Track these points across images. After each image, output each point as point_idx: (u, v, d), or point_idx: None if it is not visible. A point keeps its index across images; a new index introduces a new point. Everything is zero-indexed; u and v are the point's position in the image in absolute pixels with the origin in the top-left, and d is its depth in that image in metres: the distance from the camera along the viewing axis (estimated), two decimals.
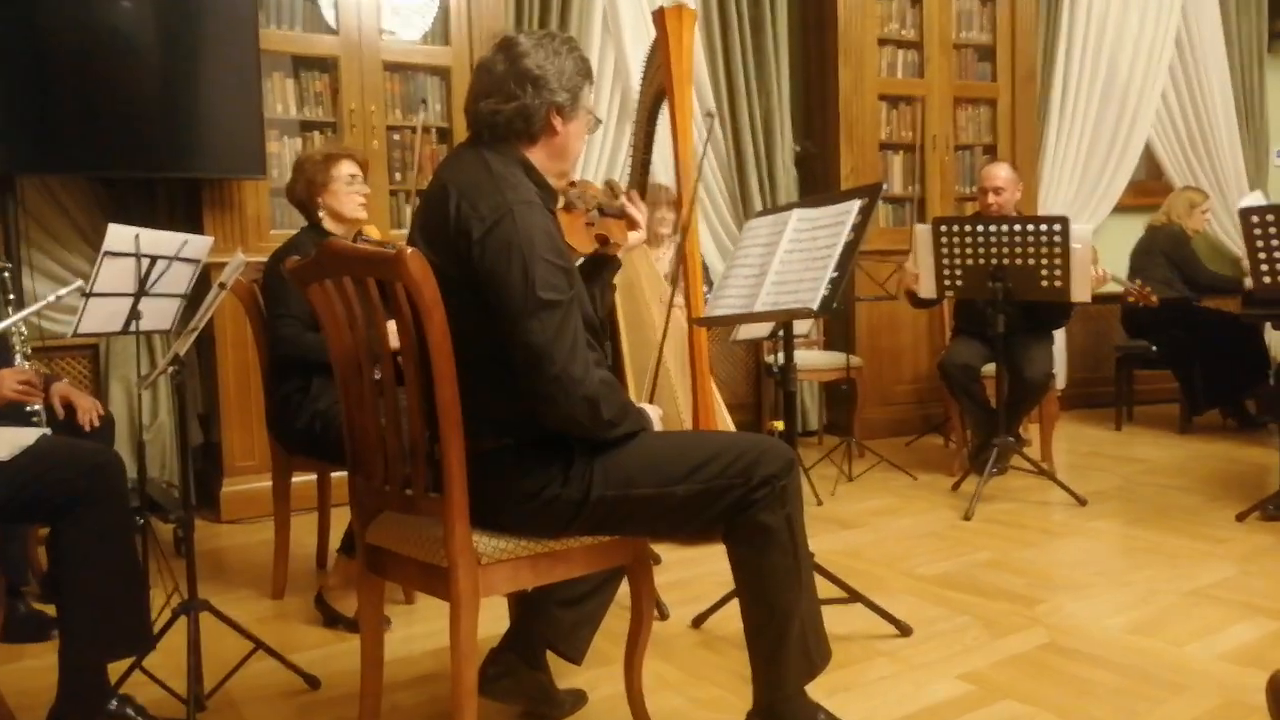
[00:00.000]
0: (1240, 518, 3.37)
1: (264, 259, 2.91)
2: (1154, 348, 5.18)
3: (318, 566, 3.13)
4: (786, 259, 2.23)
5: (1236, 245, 6.21)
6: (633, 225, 2.15)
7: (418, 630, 2.59)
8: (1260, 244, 3.13)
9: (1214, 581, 2.77)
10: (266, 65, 3.82)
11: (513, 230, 1.63)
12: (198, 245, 2.69)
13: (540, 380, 1.62)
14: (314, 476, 3.07)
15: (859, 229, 2.12)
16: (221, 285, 2.12)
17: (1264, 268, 3.16)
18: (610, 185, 3.42)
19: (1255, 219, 3.13)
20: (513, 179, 1.72)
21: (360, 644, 1.89)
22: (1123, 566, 2.96)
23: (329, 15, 3.94)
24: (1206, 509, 3.57)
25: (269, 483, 2.96)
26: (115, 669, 2.00)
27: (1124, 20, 5.87)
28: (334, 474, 2.99)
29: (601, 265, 2.08)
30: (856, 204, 2.16)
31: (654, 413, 1.86)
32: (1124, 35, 5.87)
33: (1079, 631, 2.44)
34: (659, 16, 2.81)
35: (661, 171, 4.17)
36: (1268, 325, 5.35)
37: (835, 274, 2.06)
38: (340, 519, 2.90)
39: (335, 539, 2.88)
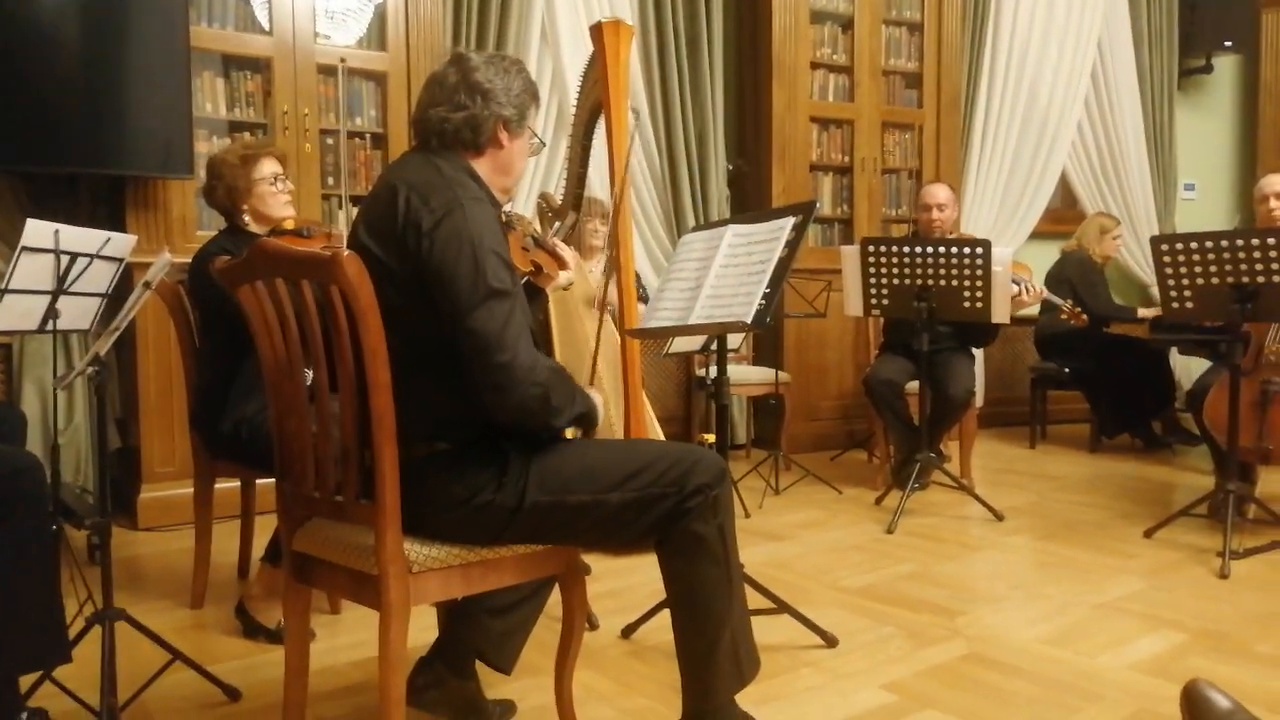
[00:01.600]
0: (1148, 534, 3.51)
1: (189, 260, 2.83)
2: (1065, 370, 5.37)
3: (239, 576, 3.05)
4: (721, 273, 2.26)
5: (1145, 273, 6.49)
6: (562, 265, 2.21)
7: (343, 641, 2.54)
8: (1170, 271, 3.27)
9: (1124, 595, 2.88)
10: (196, 64, 3.73)
11: (463, 222, 1.64)
12: (120, 244, 2.63)
13: (490, 369, 1.62)
14: (237, 483, 2.99)
15: (793, 245, 2.16)
16: (146, 284, 2.07)
17: (1173, 294, 3.30)
18: (545, 198, 3.44)
19: (1165, 247, 3.28)
20: (461, 180, 1.73)
21: (285, 654, 1.85)
22: (1038, 580, 3.05)
23: (262, 16, 3.88)
24: (1116, 525, 3.71)
25: (189, 490, 2.88)
26: (24, 681, 1.93)
27: (1043, 53, 6.10)
28: (259, 481, 2.93)
29: (531, 293, 2.10)
30: (791, 221, 2.20)
31: (597, 399, 1.88)
32: (1043, 67, 6.10)
33: (997, 642, 2.51)
34: (596, 31, 2.83)
35: (597, 185, 4.20)
36: (1174, 350, 5.60)
37: (769, 288, 2.10)
38: (264, 527, 2.84)
39: (259, 548, 2.82)
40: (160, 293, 2.69)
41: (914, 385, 4.18)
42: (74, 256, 2.44)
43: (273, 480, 1.88)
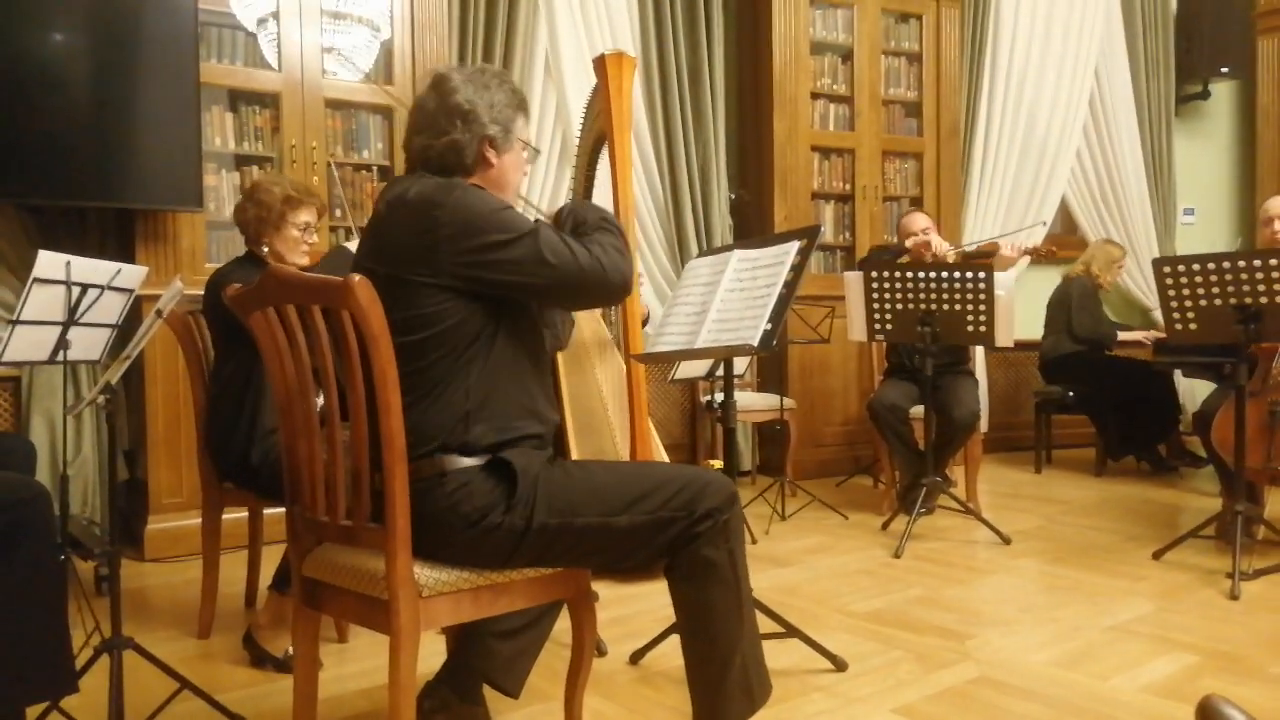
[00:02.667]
0: (1157, 556, 3.50)
1: (200, 292, 2.85)
2: (1070, 394, 5.38)
3: (246, 605, 3.05)
4: (727, 298, 2.28)
5: (1147, 297, 6.51)
6: None
7: (350, 669, 2.54)
8: (1173, 294, 3.29)
9: (1134, 617, 2.87)
10: (206, 98, 3.79)
11: (464, 200, 1.71)
12: (131, 275, 2.65)
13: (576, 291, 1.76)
14: (245, 513, 3.00)
15: (798, 269, 2.18)
16: (158, 313, 2.09)
17: (1176, 316, 3.32)
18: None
19: (1168, 269, 3.30)
20: (455, 181, 1.77)
21: (294, 680, 1.85)
22: (1047, 603, 3.04)
23: (269, 55, 3.93)
24: (1124, 548, 3.70)
25: (196, 521, 2.89)
26: (31, 711, 1.92)
27: (1041, 81, 6.16)
28: (266, 510, 2.94)
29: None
30: (795, 245, 2.22)
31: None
32: (1041, 95, 6.16)
33: (1008, 666, 2.50)
34: (600, 63, 2.87)
35: None
36: (1178, 373, 5.60)
37: (775, 312, 2.12)
38: (271, 557, 2.84)
39: (265, 576, 2.82)
40: (170, 323, 2.71)
41: (918, 409, 4.19)
42: (85, 288, 2.46)
43: (280, 510, 1.88)
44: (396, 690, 1.64)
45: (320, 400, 1.74)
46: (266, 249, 2.73)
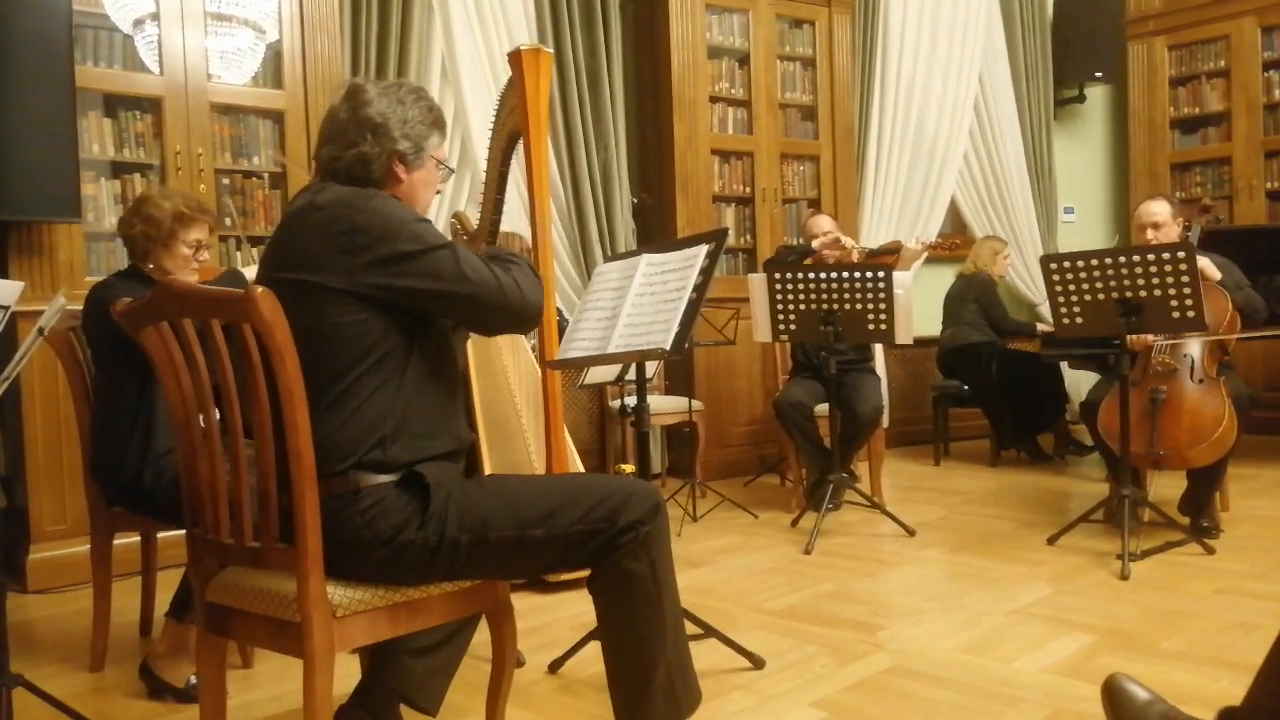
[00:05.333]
0: (1051, 541, 3.64)
1: (80, 307, 2.70)
2: (965, 387, 5.57)
3: (141, 634, 2.90)
4: (638, 302, 2.28)
5: (1034, 293, 6.78)
6: None
7: (258, 695, 2.44)
8: (1060, 289, 3.43)
9: (1033, 601, 2.98)
10: (82, 103, 3.60)
11: (383, 205, 1.69)
12: (5, 290, 2.49)
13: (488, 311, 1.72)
14: (136, 538, 2.86)
15: (707, 272, 2.20)
16: (40, 331, 1.97)
17: (1063, 311, 3.46)
18: (459, 217, 3.39)
19: (1054, 266, 3.44)
20: (370, 190, 1.74)
21: (200, 711, 1.77)
22: (952, 591, 3.13)
23: (148, 58, 3.75)
24: (1020, 534, 3.84)
25: (82, 548, 2.75)
26: None
27: (929, 85, 6.36)
28: (160, 534, 2.81)
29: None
30: (704, 248, 2.24)
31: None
32: (929, 99, 6.36)
33: (918, 654, 2.56)
34: (515, 58, 2.80)
35: (517, 220, 4.19)
36: (1064, 365, 5.85)
37: (686, 315, 2.12)
38: (167, 583, 2.72)
39: (161, 604, 2.69)
40: (50, 340, 2.56)
41: (823, 407, 4.27)
42: None
43: (174, 533, 1.80)
44: (311, 715, 1.59)
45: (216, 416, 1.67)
46: (153, 267, 2.60)
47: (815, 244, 4.56)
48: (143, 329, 1.68)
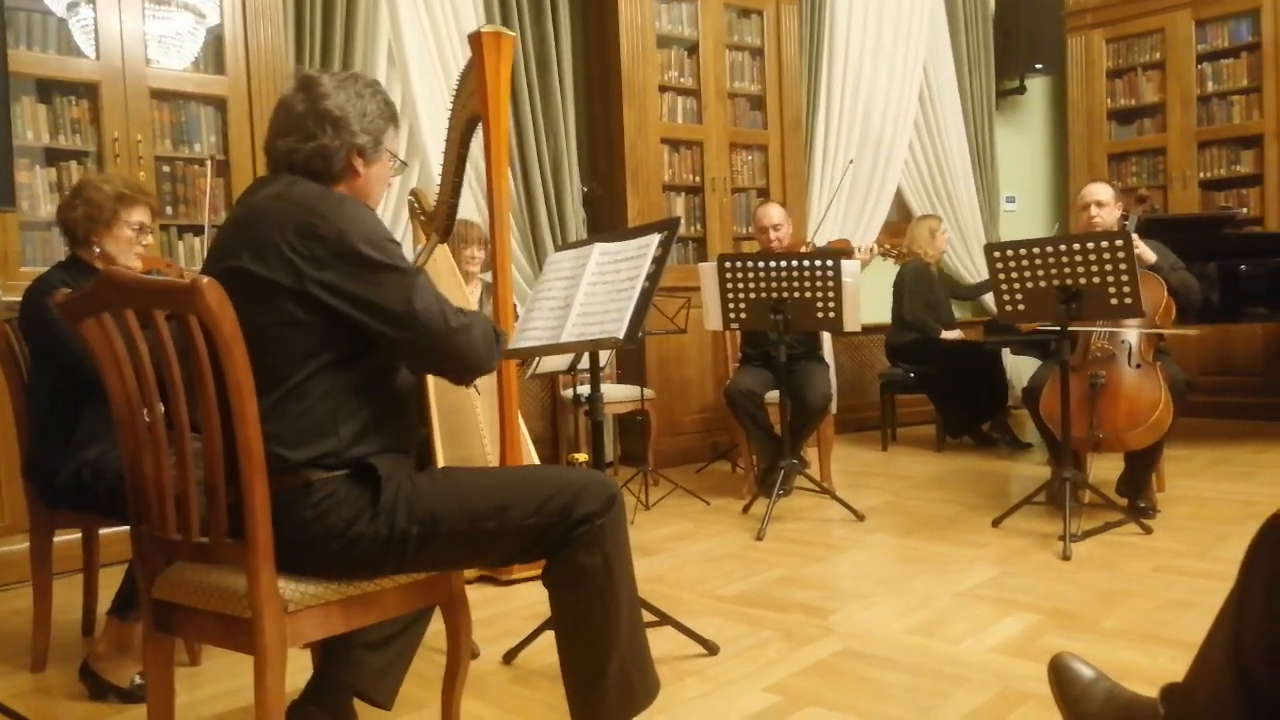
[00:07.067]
0: (995, 523, 3.72)
1: (18, 299, 2.63)
2: (911, 375, 5.65)
3: (83, 634, 2.84)
4: (591, 291, 2.28)
5: (973, 276, 6.89)
6: None
7: (206, 693, 2.40)
8: (1003, 277, 3.50)
9: (979, 582, 3.04)
10: (14, 89, 3.48)
11: (354, 212, 1.65)
12: None
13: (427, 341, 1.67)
14: (78, 535, 2.79)
15: (660, 261, 2.20)
16: None
17: (1005, 298, 3.53)
18: (416, 194, 3.35)
19: (997, 254, 3.50)
20: (328, 190, 1.70)
21: (148, 710, 1.74)
22: (900, 574, 3.19)
23: (83, 43, 3.64)
24: (966, 517, 3.91)
25: (22, 545, 2.67)
26: None
27: (875, 75, 6.42)
28: (101, 531, 2.74)
29: None
30: (656, 237, 2.24)
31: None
32: (875, 89, 6.43)
33: (869, 637, 2.60)
34: (476, 40, 2.75)
35: (472, 209, 4.15)
36: (1006, 352, 5.97)
37: (640, 304, 2.13)
38: (109, 580, 2.66)
39: (104, 601, 2.63)
40: None
41: (773, 395, 4.31)
42: None
43: (116, 529, 1.76)
44: (264, 712, 1.57)
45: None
46: (97, 250, 2.54)
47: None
48: (83, 320, 1.64)
